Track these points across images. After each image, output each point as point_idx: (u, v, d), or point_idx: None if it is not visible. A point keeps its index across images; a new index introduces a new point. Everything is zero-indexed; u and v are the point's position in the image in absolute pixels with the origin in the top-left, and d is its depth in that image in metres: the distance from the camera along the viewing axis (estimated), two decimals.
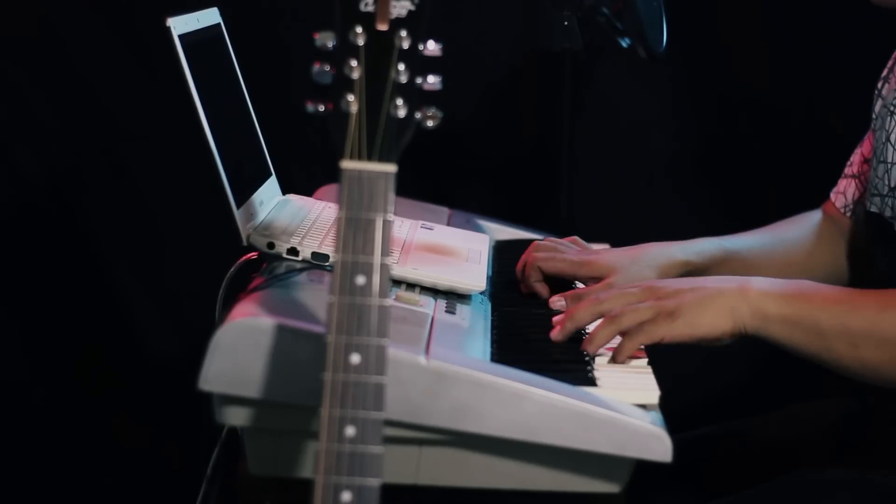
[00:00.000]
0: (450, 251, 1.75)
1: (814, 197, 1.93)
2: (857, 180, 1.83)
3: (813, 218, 1.89)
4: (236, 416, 1.36)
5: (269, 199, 1.77)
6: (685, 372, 2.52)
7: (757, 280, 1.49)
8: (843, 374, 1.47)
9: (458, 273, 1.65)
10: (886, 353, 1.43)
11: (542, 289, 1.69)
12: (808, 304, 1.46)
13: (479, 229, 1.99)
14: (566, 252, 1.73)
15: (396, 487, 1.33)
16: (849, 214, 1.83)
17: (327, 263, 1.60)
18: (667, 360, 1.54)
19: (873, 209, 1.66)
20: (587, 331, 1.54)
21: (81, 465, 2.56)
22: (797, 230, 1.86)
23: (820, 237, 1.86)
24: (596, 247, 1.82)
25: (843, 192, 1.85)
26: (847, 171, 1.86)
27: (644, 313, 1.47)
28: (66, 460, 2.55)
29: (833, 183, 1.89)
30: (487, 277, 1.72)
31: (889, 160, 1.63)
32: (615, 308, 1.49)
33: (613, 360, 1.48)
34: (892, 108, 1.65)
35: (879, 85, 1.75)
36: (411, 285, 1.61)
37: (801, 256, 1.83)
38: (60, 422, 2.54)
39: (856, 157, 1.85)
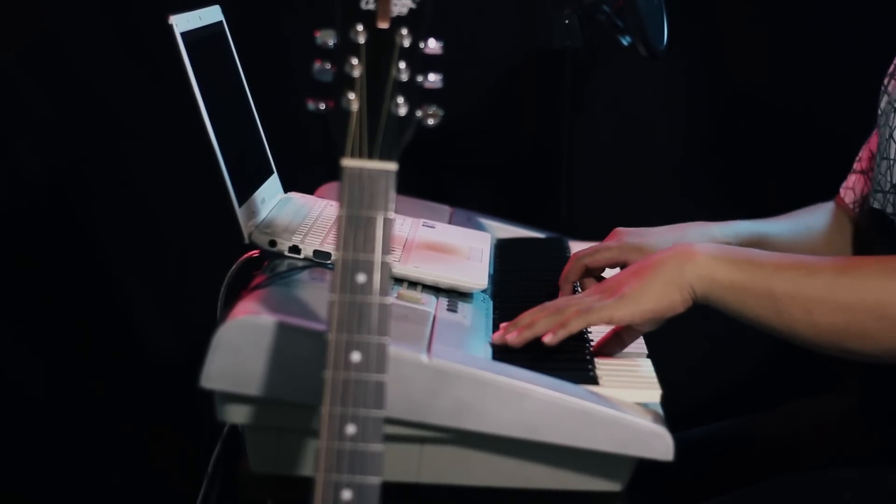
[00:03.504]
0: (451, 249, 1.75)
1: (815, 193, 1.93)
2: (864, 176, 1.83)
3: (828, 208, 1.89)
4: (237, 414, 1.36)
5: (271, 197, 1.78)
6: (687, 370, 2.52)
7: (703, 245, 1.47)
8: (796, 342, 1.44)
9: (460, 271, 1.65)
10: (841, 318, 1.40)
11: (589, 283, 1.66)
12: (759, 269, 1.43)
13: (480, 227, 1.99)
14: (611, 244, 1.72)
15: (397, 485, 1.33)
16: (857, 210, 1.83)
17: (329, 261, 1.60)
18: (668, 358, 1.54)
19: (876, 205, 1.67)
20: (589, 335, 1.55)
21: (83, 462, 2.56)
22: (816, 218, 1.87)
23: (834, 228, 1.86)
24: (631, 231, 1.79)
25: (852, 187, 1.85)
26: (856, 166, 1.86)
27: (588, 301, 1.47)
28: (68, 457, 2.55)
29: (836, 179, 1.89)
30: (489, 276, 1.72)
31: (891, 157, 1.63)
32: (560, 302, 1.49)
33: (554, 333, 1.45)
34: None
35: (886, 81, 1.75)
36: (413, 283, 1.62)
37: (821, 245, 1.83)
38: (61, 419, 2.54)
39: (864, 153, 1.85)
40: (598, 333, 1.58)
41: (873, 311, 1.38)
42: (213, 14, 1.76)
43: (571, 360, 1.48)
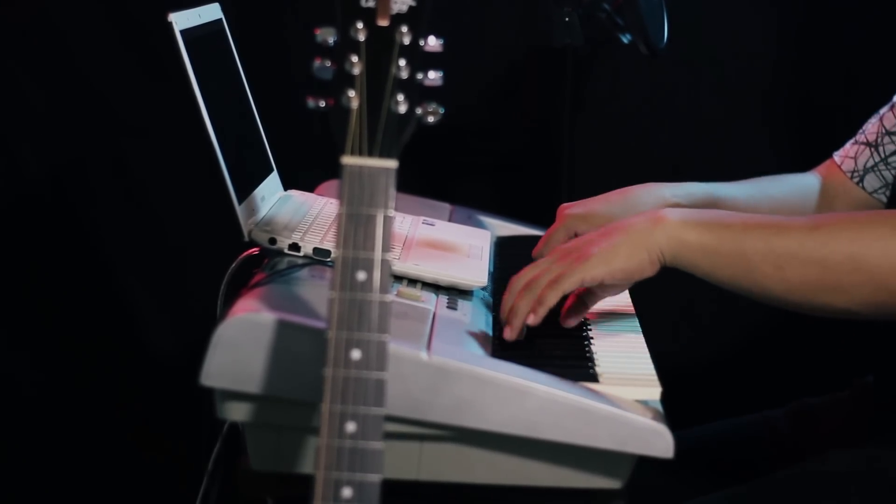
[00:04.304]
0: (451, 247, 1.75)
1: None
2: (872, 149, 1.82)
3: (803, 180, 1.87)
4: (237, 412, 1.37)
5: (271, 195, 1.78)
6: (688, 368, 2.52)
7: (672, 210, 1.48)
8: (767, 300, 1.44)
9: (460, 269, 1.65)
10: (813, 273, 1.40)
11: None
12: (728, 230, 1.44)
13: (480, 225, 1.99)
14: (558, 226, 1.70)
15: (397, 483, 1.33)
16: (857, 180, 1.83)
17: (329, 259, 1.60)
18: (669, 356, 1.55)
19: None
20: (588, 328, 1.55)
21: (83, 460, 2.56)
22: (783, 188, 1.84)
23: (815, 204, 1.83)
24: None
25: (854, 157, 1.83)
26: (860, 137, 1.85)
27: (556, 269, 1.47)
28: (68, 455, 2.55)
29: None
30: (489, 273, 1.72)
31: None
32: (528, 277, 1.49)
33: (563, 319, 1.48)
34: None
35: None
36: (413, 281, 1.62)
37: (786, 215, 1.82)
38: (61, 417, 2.54)
39: (873, 127, 1.83)
40: (598, 332, 1.58)
41: (844, 263, 1.39)
42: (212, 12, 1.76)
43: (571, 358, 1.48)
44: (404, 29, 1.16)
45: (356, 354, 1.16)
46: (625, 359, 1.51)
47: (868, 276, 1.38)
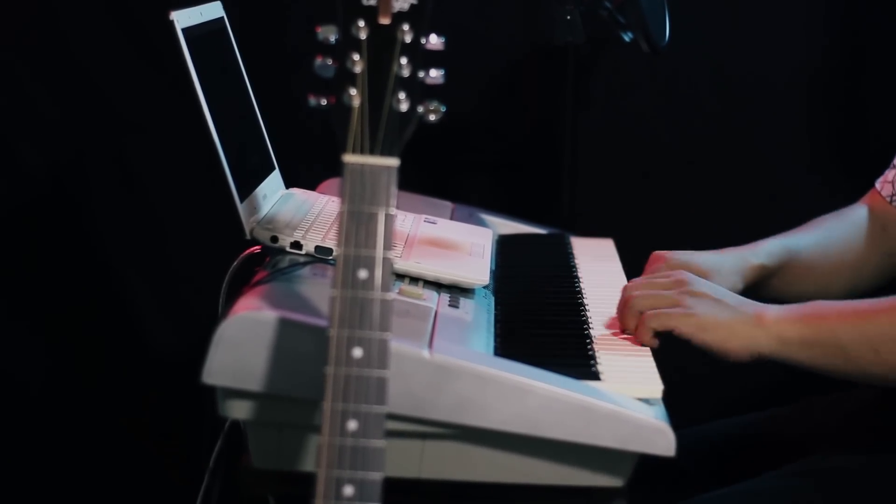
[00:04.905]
0: (453, 245, 1.75)
1: (815, 192, 1.93)
2: None
3: (857, 214, 1.89)
4: (239, 410, 1.37)
5: (273, 193, 1.78)
6: (689, 366, 2.52)
7: (771, 308, 1.54)
8: (870, 382, 1.54)
9: (462, 267, 1.65)
10: None
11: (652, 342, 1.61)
12: (824, 321, 1.51)
13: (482, 223, 1.99)
14: (661, 267, 1.72)
15: (399, 481, 1.33)
16: (894, 204, 1.84)
17: (331, 257, 1.60)
18: (670, 354, 1.54)
19: None
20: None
21: (84, 457, 2.56)
22: (845, 227, 1.88)
23: (867, 236, 1.87)
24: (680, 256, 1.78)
25: (892, 181, 1.85)
26: None
27: (662, 300, 1.53)
28: (69, 453, 2.55)
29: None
30: (490, 271, 1.72)
31: None
32: (644, 301, 1.55)
33: (640, 340, 1.53)
34: None
35: None
36: (414, 279, 1.62)
37: (853, 255, 1.86)
38: (62, 415, 2.54)
39: None
40: (598, 330, 1.58)
41: None
42: (214, 10, 1.76)
43: (573, 356, 1.48)
44: (406, 27, 1.16)
45: (358, 352, 1.16)
46: (626, 357, 1.51)
47: None
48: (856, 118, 2.49)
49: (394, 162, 1.17)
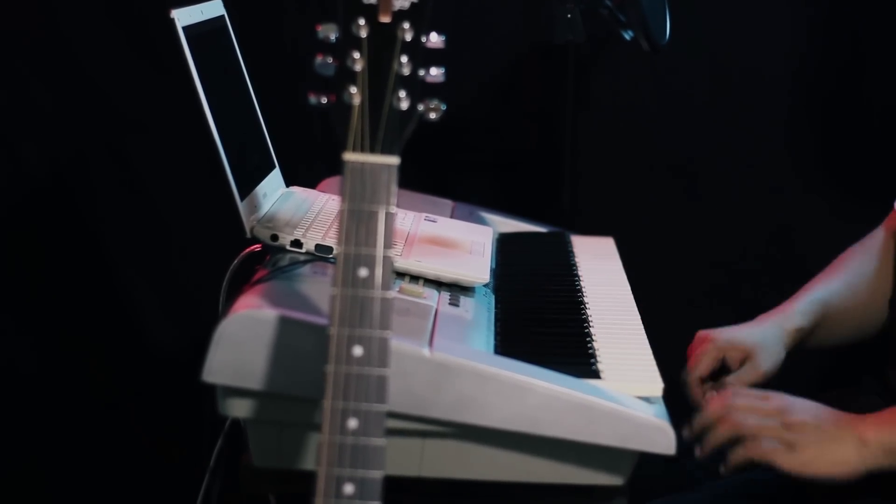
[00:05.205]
0: (453, 243, 1.75)
1: (816, 190, 1.92)
2: None
3: (876, 240, 1.88)
4: (239, 408, 1.37)
5: (273, 192, 1.78)
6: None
7: (869, 420, 1.52)
8: None
9: (462, 265, 1.65)
10: None
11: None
12: None
13: (482, 222, 1.99)
14: (709, 348, 1.72)
15: (399, 479, 1.33)
16: None
17: (331, 256, 1.60)
18: (671, 353, 1.54)
19: None
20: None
21: (85, 456, 2.56)
22: (870, 261, 1.87)
23: (887, 262, 1.86)
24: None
25: None
26: None
27: (766, 430, 1.49)
28: (70, 451, 2.56)
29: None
30: (491, 270, 1.72)
31: None
32: (745, 421, 1.51)
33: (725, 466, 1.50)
34: None
35: None
36: (415, 277, 1.62)
37: (883, 289, 1.84)
38: (63, 413, 2.54)
39: None
40: (598, 329, 1.58)
41: None
42: (214, 8, 1.76)
43: (573, 354, 1.48)
44: (406, 25, 1.16)
45: (358, 351, 1.16)
46: (627, 355, 1.51)
47: None
48: (857, 117, 2.49)
49: (394, 160, 1.17)
